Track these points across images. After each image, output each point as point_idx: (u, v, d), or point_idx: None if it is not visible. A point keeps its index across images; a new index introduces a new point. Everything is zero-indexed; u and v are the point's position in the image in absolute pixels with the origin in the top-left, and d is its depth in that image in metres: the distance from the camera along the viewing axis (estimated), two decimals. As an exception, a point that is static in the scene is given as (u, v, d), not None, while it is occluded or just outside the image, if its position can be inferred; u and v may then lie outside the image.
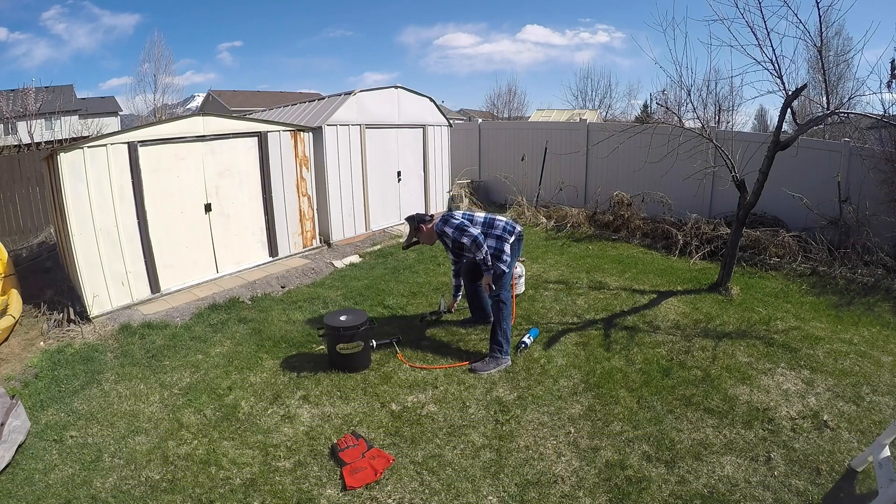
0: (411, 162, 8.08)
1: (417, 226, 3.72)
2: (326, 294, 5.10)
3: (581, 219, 7.82)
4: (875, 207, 5.81)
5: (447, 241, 3.73)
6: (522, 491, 2.44)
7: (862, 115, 4.73)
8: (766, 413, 3.02)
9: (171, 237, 4.97)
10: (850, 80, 6.99)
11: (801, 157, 5.75)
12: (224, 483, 2.51)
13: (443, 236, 3.68)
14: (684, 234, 6.58)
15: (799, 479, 2.49)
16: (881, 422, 2.92)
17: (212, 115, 5.44)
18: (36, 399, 3.24)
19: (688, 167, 6.28)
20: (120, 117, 28.06)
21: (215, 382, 3.45)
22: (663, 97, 6.49)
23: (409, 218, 3.81)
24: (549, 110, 21.62)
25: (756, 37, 4.22)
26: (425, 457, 2.67)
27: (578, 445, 2.76)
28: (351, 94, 6.87)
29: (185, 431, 2.92)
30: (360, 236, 7.20)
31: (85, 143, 4.33)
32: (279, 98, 28.54)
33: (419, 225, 3.72)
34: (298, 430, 2.92)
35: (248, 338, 4.12)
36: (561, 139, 8.95)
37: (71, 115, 21.04)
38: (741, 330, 4.19)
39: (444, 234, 3.63)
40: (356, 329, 3.48)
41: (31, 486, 2.50)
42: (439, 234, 3.69)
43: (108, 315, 4.49)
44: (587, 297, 4.95)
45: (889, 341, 4.01)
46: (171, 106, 23.75)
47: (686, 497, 2.38)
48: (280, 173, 5.94)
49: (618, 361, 3.65)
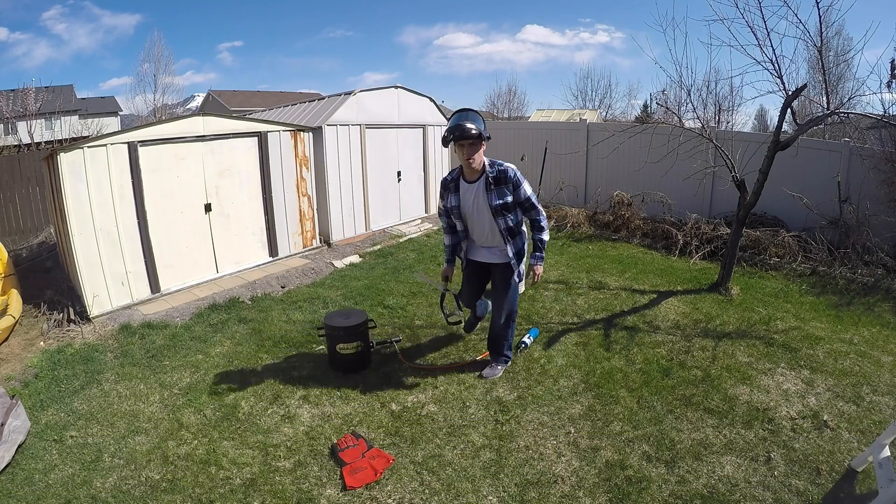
0: (411, 162, 8.08)
1: (477, 134, 2.93)
2: (326, 294, 5.10)
3: (581, 219, 7.82)
4: (875, 207, 5.81)
5: (494, 187, 3.06)
6: (522, 491, 2.44)
7: (862, 115, 4.73)
8: (766, 413, 3.02)
9: (171, 237, 4.97)
10: (850, 80, 6.98)
11: (801, 157, 5.75)
12: (224, 483, 2.51)
13: (499, 175, 3.06)
14: (684, 234, 6.58)
15: (799, 479, 2.49)
16: (881, 422, 2.92)
17: (212, 115, 5.44)
18: (36, 399, 3.24)
19: (688, 167, 6.28)
20: (120, 117, 28.08)
21: (215, 382, 3.44)
22: (663, 97, 6.49)
23: (463, 112, 3.03)
24: (549, 110, 21.64)
25: (756, 37, 4.23)
26: (425, 457, 2.67)
27: (578, 445, 2.76)
28: (351, 94, 6.87)
29: (185, 431, 2.92)
30: (360, 236, 7.20)
31: (85, 143, 4.33)
32: (279, 98, 28.55)
33: (480, 132, 2.95)
34: (298, 430, 2.92)
35: (248, 338, 4.12)
36: (561, 139, 8.95)
37: (71, 115, 21.05)
38: (741, 330, 4.19)
39: (504, 173, 3.06)
40: (356, 329, 3.48)
41: (31, 486, 2.50)
42: (495, 169, 3.07)
43: (108, 315, 4.49)
44: (587, 297, 4.95)
45: (889, 341, 4.01)
46: (171, 106, 23.78)
47: (686, 497, 2.38)
48: (280, 173, 5.94)
49: (618, 361, 3.65)
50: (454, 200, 3.22)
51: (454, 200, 3.22)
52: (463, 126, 2.92)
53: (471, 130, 2.91)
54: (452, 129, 2.96)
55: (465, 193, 3.18)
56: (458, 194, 3.20)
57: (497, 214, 3.11)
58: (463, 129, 2.91)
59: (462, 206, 3.21)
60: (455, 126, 2.95)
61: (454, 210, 3.24)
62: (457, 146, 3.01)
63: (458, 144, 2.99)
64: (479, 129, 2.95)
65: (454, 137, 2.97)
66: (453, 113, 3.10)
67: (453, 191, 3.21)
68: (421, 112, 8.07)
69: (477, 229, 3.25)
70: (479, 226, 3.23)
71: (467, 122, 2.93)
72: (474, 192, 3.14)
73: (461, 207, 3.22)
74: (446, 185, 3.25)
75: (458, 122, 2.96)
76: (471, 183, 3.13)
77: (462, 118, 2.98)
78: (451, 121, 3.05)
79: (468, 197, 3.16)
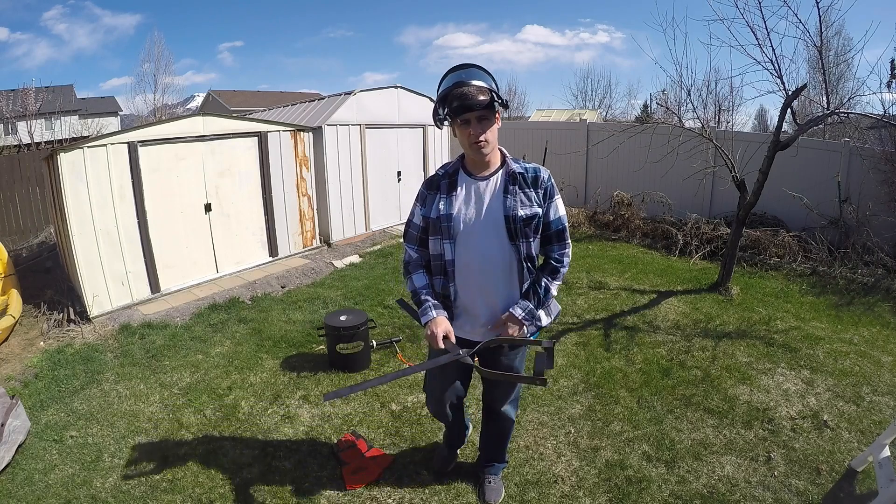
0: (411, 162, 8.08)
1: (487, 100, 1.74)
2: (326, 294, 5.10)
3: (581, 219, 7.82)
4: (875, 207, 5.81)
5: (519, 189, 1.89)
6: (522, 491, 2.44)
7: (862, 115, 4.73)
8: (766, 413, 3.02)
9: (171, 237, 4.97)
10: (850, 80, 6.98)
11: (801, 157, 5.75)
12: (224, 483, 2.50)
13: (529, 174, 1.91)
14: (684, 234, 6.57)
15: (799, 479, 2.49)
16: (881, 422, 2.92)
17: (212, 115, 5.44)
18: (36, 399, 3.24)
19: (688, 167, 6.28)
20: (120, 117, 28.06)
21: (215, 382, 3.45)
22: (663, 97, 6.50)
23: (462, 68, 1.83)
24: (549, 110, 21.62)
25: (756, 37, 4.23)
26: (425, 457, 2.67)
27: (578, 445, 2.76)
28: (351, 94, 6.88)
29: (185, 431, 2.92)
30: (360, 236, 7.20)
31: (85, 143, 4.33)
32: (279, 98, 28.54)
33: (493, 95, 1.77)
34: (298, 430, 2.92)
35: (248, 338, 4.12)
36: (561, 139, 8.95)
37: (71, 115, 21.04)
38: (741, 330, 4.18)
39: (537, 173, 1.92)
40: (356, 329, 3.48)
41: (31, 486, 2.50)
42: (522, 165, 1.94)
43: (108, 315, 4.49)
44: (587, 296, 4.95)
45: (889, 341, 4.01)
46: (171, 106, 23.78)
47: (686, 497, 2.38)
48: (280, 173, 5.94)
49: (618, 361, 3.65)
50: (445, 206, 1.89)
51: (445, 206, 1.89)
52: (465, 88, 1.74)
53: (477, 96, 1.73)
54: (449, 95, 1.77)
55: (466, 196, 1.90)
56: (454, 197, 1.89)
57: (518, 233, 1.87)
58: (465, 95, 1.73)
59: (458, 216, 1.88)
60: (453, 89, 1.76)
61: (440, 225, 1.89)
62: (457, 124, 1.80)
63: (459, 119, 1.78)
64: (490, 90, 1.76)
65: (452, 109, 1.76)
66: (447, 71, 1.85)
67: (445, 192, 1.91)
68: (421, 112, 8.07)
69: (476, 263, 1.89)
70: (479, 255, 1.88)
71: (473, 81, 1.75)
72: (482, 194, 1.89)
73: (455, 219, 1.88)
74: (433, 184, 1.96)
75: (458, 81, 1.77)
76: (478, 180, 1.90)
77: (463, 76, 1.78)
78: (444, 82, 1.82)
79: (471, 200, 1.89)
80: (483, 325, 1.98)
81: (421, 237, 1.98)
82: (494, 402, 2.24)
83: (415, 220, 2.00)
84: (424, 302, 1.92)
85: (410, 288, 1.99)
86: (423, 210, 1.96)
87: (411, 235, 2.01)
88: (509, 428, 2.35)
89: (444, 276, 1.94)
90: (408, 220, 2.04)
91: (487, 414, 2.33)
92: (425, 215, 1.95)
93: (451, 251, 1.90)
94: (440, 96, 1.81)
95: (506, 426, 2.33)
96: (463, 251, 1.90)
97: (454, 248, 1.90)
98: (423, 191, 1.98)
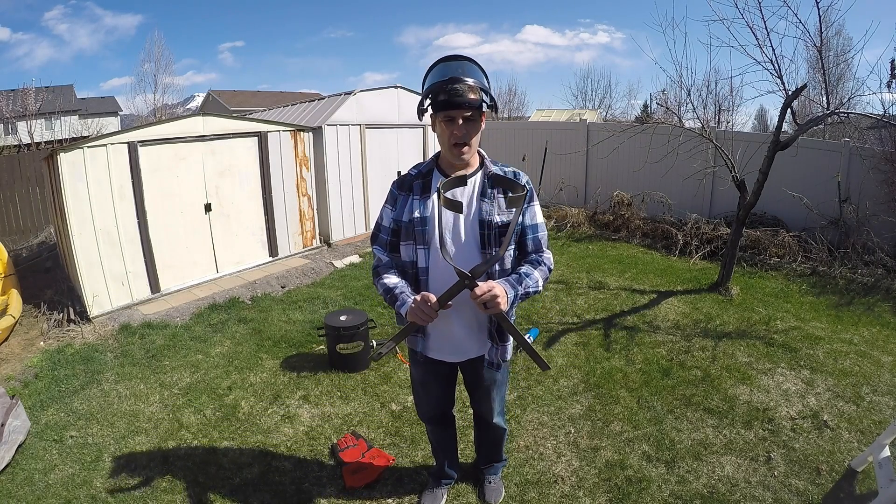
0: (411, 162, 7.92)
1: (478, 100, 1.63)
2: (326, 294, 5.10)
3: (581, 219, 7.82)
4: (875, 207, 5.81)
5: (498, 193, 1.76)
6: (522, 491, 2.44)
7: (862, 115, 4.73)
8: (766, 413, 3.02)
9: (171, 237, 4.97)
10: (850, 80, 6.99)
11: (801, 157, 5.75)
12: (224, 483, 2.50)
13: (508, 177, 1.74)
14: (684, 234, 6.57)
15: (799, 479, 2.49)
16: (881, 422, 2.92)
17: (212, 115, 5.45)
18: (36, 399, 3.24)
19: (688, 167, 6.28)
20: (120, 117, 28.06)
21: (215, 382, 3.45)
22: (663, 97, 6.49)
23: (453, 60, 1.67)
24: (549, 110, 21.60)
25: (756, 37, 4.23)
26: (425, 457, 2.67)
27: (578, 445, 2.76)
28: (351, 94, 6.88)
29: (185, 431, 2.92)
30: (360, 236, 7.20)
31: (85, 143, 4.33)
32: (279, 98, 28.53)
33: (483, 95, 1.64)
34: (298, 430, 2.92)
35: (248, 338, 4.12)
36: (561, 139, 8.95)
37: (71, 115, 21.03)
38: (741, 330, 4.18)
39: (517, 177, 1.77)
40: (356, 329, 3.48)
41: (31, 486, 2.50)
42: (500, 167, 1.82)
43: (108, 315, 4.49)
44: (587, 296, 4.95)
45: (889, 341, 4.01)
46: (171, 106, 23.79)
47: (686, 497, 2.38)
48: (280, 173, 5.94)
49: (618, 361, 3.65)
50: (417, 208, 1.76)
51: (417, 208, 1.76)
52: (459, 84, 1.60)
53: (468, 94, 1.60)
54: (438, 87, 1.62)
55: None
56: (428, 199, 1.77)
57: (492, 242, 1.74)
58: (456, 91, 1.59)
59: (431, 220, 1.74)
60: (442, 82, 1.61)
61: (413, 229, 1.77)
62: (440, 119, 1.66)
63: (444, 115, 1.65)
64: (481, 88, 1.63)
65: (439, 103, 1.63)
66: (439, 60, 1.69)
67: (418, 193, 1.79)
68: (421, 112, 8.07)
69: (451, 271, 1.61)
70: (455, 262, 1.63)
71: (468, 78, 1.61)
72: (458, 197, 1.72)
73: (429, 223, 1.75)
74: (405, 185, 1.82)
75: (447, 74, 1.62)
76: None
77: (458, 71, 1.63)
78: (431, 74, 1.68)
79: None
80: (460, 340, 1.86)
81: (392, 241, 1.83)
82: (485, 413, 2.18)
83: (384, 222, 1.85)
84: (399, 296, 1.71)
85: (382, 289, 1.77)
86: (394, 213, 1.82)
87: (381, 240, 1.86)
88: (502, 435, 2.33)
89: (416, 285, 1.78)
90: (376, 222, 1.90)
91: (479, 422, 2.31)
92: (396, 218, 1.81)
93: (425, 258, 1.76)
94: (430, 86, 1.65)
95: (498, 434, 2.31)
96: (438, 258, 1.72)
97: (428, 254, 1.76)
98: (394, 191, 1.83)
